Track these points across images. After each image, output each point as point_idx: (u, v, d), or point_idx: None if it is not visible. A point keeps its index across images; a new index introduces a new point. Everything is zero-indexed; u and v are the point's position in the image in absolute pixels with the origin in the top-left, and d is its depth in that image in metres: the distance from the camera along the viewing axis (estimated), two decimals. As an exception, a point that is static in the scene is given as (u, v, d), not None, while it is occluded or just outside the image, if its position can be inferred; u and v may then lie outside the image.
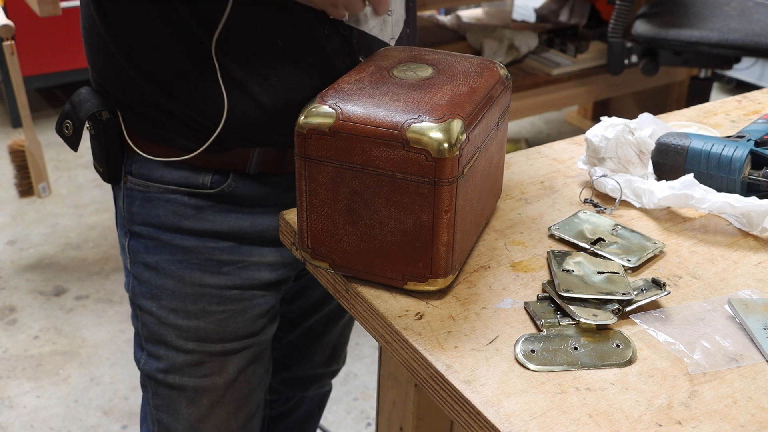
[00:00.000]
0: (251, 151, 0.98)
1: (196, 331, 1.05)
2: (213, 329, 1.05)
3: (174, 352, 1.07)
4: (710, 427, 0.68)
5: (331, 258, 0.83)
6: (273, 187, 1.02)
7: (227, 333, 1.06)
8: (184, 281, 1.03)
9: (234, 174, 0.99)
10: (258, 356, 1.12)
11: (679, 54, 2.36)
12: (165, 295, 1.04)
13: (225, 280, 1.03)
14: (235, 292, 1.04)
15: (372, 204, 0.78)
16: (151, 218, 1.01)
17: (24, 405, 2.03)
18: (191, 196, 0.99)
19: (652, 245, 0.91)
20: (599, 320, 0.78)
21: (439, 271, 0.80)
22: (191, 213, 1.00)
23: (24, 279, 2.49)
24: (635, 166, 1.01)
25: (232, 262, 1.03)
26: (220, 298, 1.04)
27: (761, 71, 3.68)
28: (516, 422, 0.67)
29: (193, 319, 1.05)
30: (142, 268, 1.05)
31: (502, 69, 0.90)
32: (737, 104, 1.31)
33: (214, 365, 1.08)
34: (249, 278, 1.05)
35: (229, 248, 1.02)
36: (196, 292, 1.03)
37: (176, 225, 1.01)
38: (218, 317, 1.05)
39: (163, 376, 1.09)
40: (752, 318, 0.79)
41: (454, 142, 0.74)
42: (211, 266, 1.02)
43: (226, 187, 0.99)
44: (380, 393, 1.08)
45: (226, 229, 1.01)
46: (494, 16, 2.91)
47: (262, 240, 1.04)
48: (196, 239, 1.01)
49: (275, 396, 1.40)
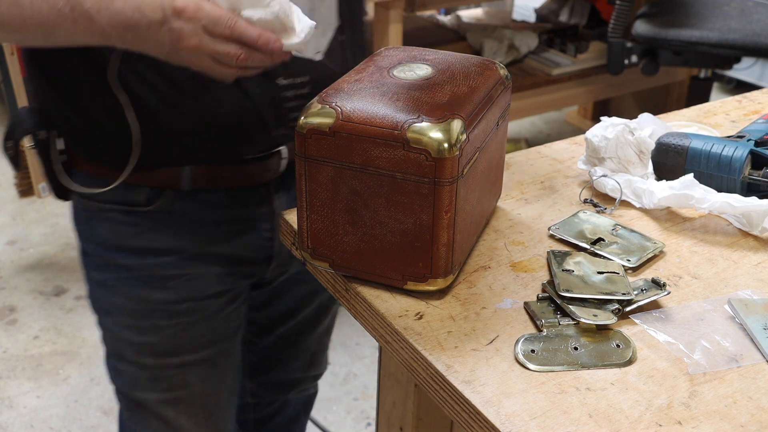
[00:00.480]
0: (181, 170, 0.97)
1: (150, 346, 1.05)
2: (167, 343, 1.05)
3: (133, 368, 1.07)
4: (710, 427, 0.68)
5: (331, 258, 0.83)
6: (210, 204, 1.00)
7: (183, 345, 1.05)
8: (132, 298, 1.02)
9: (168, 191, 0.99)
10: (222, 363, 1.11)
11: (679, 54, 2.36)
12: (116, 311, 1.04)
13: (172, 294, 1.02)
14: (185, 305, 1.04)
15: (372, 204, 0.78)
16: (94, 236, 1.02)
17: (24, 405, 2.03)
18: (128, 213, 0.99)
19: (652, 245, 0.91)
20: (599, 320, 0.78)
21: (439, 271, 0.80)
22: (129, 231, 1.00)
23: (24, 279, 2.49)
24: (635, 166, 1.01)
25: (176, 276, 1.02)
26: (170, 312, 1.03)
27: (761, 71, 3.68)
28: (516, 422, 0.67)
29: (145, 335, 1.04)
30: (94, 285, 1.05)
31: (502, 69, 0.90)
32: (737, 104, 1.31)
33: (174, 379, 1.07)
34: (197, 290, 1.04)
35: (172, 263, 1.01)
36: (144, 308, 1.03)
37: (116, 243, 1.01)
38: (171, 331, 1.04)
39: (128, 391, 1.09)
40: (752, 318, 0.79)
41: (454, 142, 0.74)
42: (155, 282, 1.02)
43: (161, 204, 0.99)
44: (380, 393, 1.08)
45: (165, 247, 1.01)
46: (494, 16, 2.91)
47: (204, 254, 1.02)
48: (136, 257, 1.01)
49: (255, 400, 1.38)
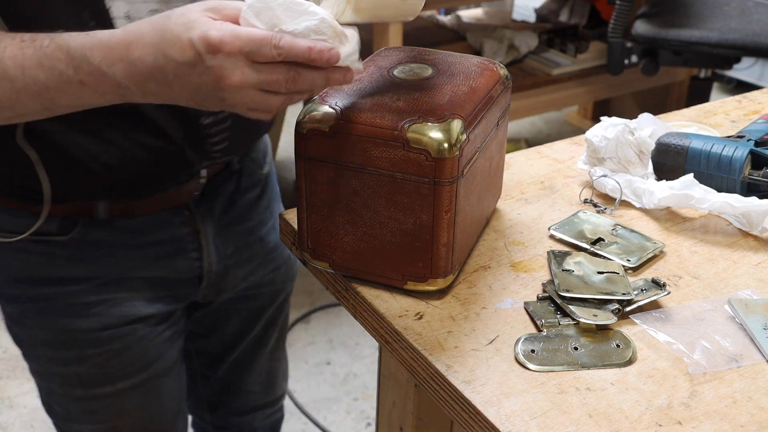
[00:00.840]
0: (95, 203, 0.92)
1: (77, 376, 0.98)
2: (96, 372, 0.98)
3: (63, 400, 1.01)
4: (710, 427, 0.68)
5: (331, 258, 0.83)
6: (128, 230, 0.94)
7: (113, 373, 0.99)
8: (52, 329, 0.95)
9: (83, 219, 0.92)
10: (160, 385, 1.04)
11: (679, 54, 2.36)
12: (38, 344, 0.98)
13: (95, 322, 0.95)
14: (110, 331, 0.96)
15: (372, 204, 0.78)
16: (4, 269, 0.95)
17: (24, 405, 2.03)
18: (39, 243, 0.92)
19: (652, 245, 0.91)
20: (599, 320, 0.78)
21: (439, 271, 0.80)
22: (43, 261, 0.93)
23: (24, 279, 2.49)
24: (635, 166, 1.01)
25: (99, 302, 0.95)
26: (96, 340, 0.96)
27: (761, 71, 3.68)
28: (516, 422, 0.67)
29: (70, 366, 0.97)
30: (10, 320, 0.99)
31: (502, 69, 0.90)
32: (737, 104, 1.31)
33: (110, 408, 1.01)
34: (123, 314, 0.96)
35: (92, 289, 0.94)
36: (66, 338, 0.96)
37: (28, 275, 0.94)
38: (98, 360, 0.97)
39: (63, 425, 1.03)
40: (752, 318, 0.79)
41: (454, 142, 0.74)
42: (77, 310, 0.94)
43: (76, 234, 0.92)
44: (380, 393, 1.08)
45: (83, 275, 0.94)
46: (494, 16, 2.91)
47: (127, 279, 0.96)
48: (53, 286, 0.94)
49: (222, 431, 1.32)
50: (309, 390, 2.09)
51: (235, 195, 1.03)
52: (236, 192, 1.04)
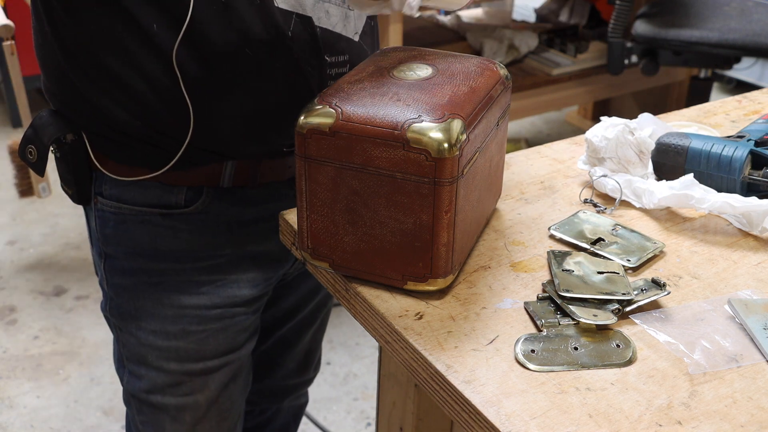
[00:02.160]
0: (223, 165, 0.96)
1: (176, 351, 1.04)
2: (194, 348, 1.04)
3: (155, 372, 1.06)
4: (710, 427, 0.68)
5: (331, 258, 0.83)
6: (248, 201, 1.00)
7: (208, 351, 1.05)
8: (163, 303, 1.01)
9: (207, 190, 0.97)
10: (239, 370, 1.11)
11: (679, 54, 2.36)
12: (143, 316, 1.02)
13: (204, 300, 1.02)
14: (216, 311, 1.03)
15: (372, 204, 0.78)
16: (126, 241, 0.99)
17: (24, 405, 2.03)
18: (165, 216, 0.97)
19: (652, 245, 0.91)
20: (599, 320, 0.78)
21: (439, 271, 0.80)
22: (167, 234, 0.98)
23: (24, 279, 2.49)
24: (635, 166, 1.01)
25: (210, 281, 1.01)
26: (200, 318, 1.02)
27: (761, 71, 3.68)
28: (516, 422, 0.67)
29: (173, 340, 1.03)
30: (119, 290, 1.03)
31: (502, 69, 0.90)
32: (737, 104, 1.31)
33: (195, 384, 1.07)
34: (229, 296, 1.03)
35: (207, 268, 1.01)
36: (175, 314, 1.02)
37: (152, 247, 0.98)
38: (199, 336, 1.04)
39: (146, 396, 1.08)
40: (752, 318, 0.79)
41: (454, 142, 0.74)
42: (189, 287, 1.01)
43: (200, 205, 0.97)
44: (380, 393, 1.08)
45: (202, 248, 0.99)
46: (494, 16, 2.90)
47: (240, 256, 1.02)
48: (172, 261, 0.99)
49: (249, 407, 1.37)
50: (309, 390, 2.09)
51: None
52: None
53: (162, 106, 0.91)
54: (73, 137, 0.96)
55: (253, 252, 1.02)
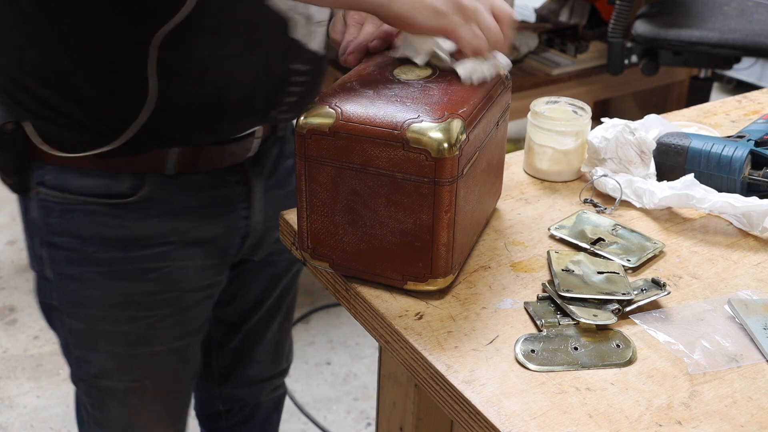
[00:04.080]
0: (168, 152, 0.98)
1: (125, 336, 1.06)
2: (142, 334, 1.06)
3: (104, 357, 1.07)
4: (710, 427, 0.68)
5: (331, 258, 0.83)
6: (191, 188, 1.02)
7: (156, 337, 1.07)
8: (111, 291, 1.02)
9: (151, 177, 0.98)
10: (187, 356, 1.13)
11: (679, 54, 2.36)
12: (92, 304, 1.03)
13: (152, 286, 1.03)
14: (164, 297, 1.05)
15: (372, 204, 0.78)
16: (72, 230, 1.00)
17: (24, 405, 2.03)
18: (110, 206, 0.98)
19: (652, 245, 0.91)
20: (599, 320, 0.78)
21: (439, 271, 0.80)
22: (113, 223, 0.99)
23: (24, 279, 2.49)
24: (636, 166, 1.01)
25: (157, 268, 1.03)
26: (149, 304, 1.04)
27: (761, 71, 3.68)
28: (516, 422, 0.67)
29: (121, 325, 1.05)
30: (65, 279, 1.03)
31: (501, 69, 0.90)
32: (737, 104, 1.31)
33: (143, 368, 1.09)
34: (176, 282, 1.05)
35: (154, 255, 1.02)
36: (123, 301, 1.03)
37: (98, 236, 0.99)
38: (147, 322, 1.05)
39: (94, 380, 1.10)
40: (752, 318, 0.79)
41: (454, 141, 0.74)
42: (137, 274, 1.02)
43: (145, 192, 0.99)
44: (380, 393, 1.08)
45: (148, 235, 1.01)
46: (494, 16, 2.90)
47: (186, 243, 1.04)
48: (119, 249, 1.01)
49: (229, 405, 1.39)
50: (309, 390, 2.09)
51: (279, 159, 1.12)
52: (280, 157, 1.12)
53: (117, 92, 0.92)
54: (12, 126, 0.96)
55: (199, 238, 1.05)
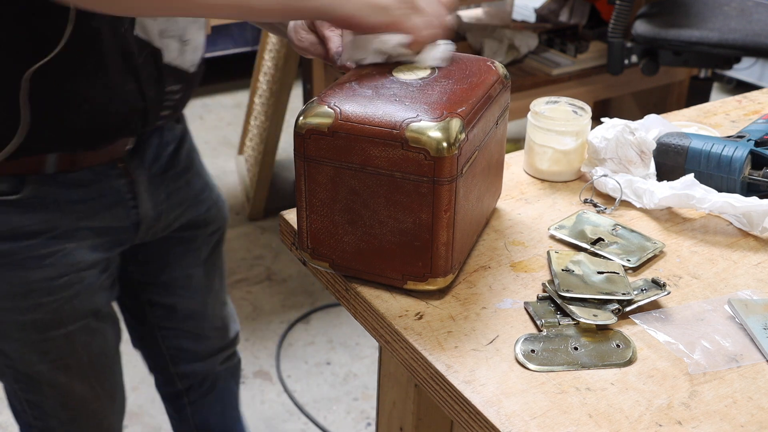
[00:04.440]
0: (46, 156, 1.01)
1: (33, 323, 1.09)
2: (50, 318, 1.09)
3: (19, 345, 1.11)
4: (710, 427, 0.68)
5: (331, 258, 0.83)
6: (73, 184, 1.05)
7: (66, 318, 1.10)
8: (11, 282, 1.05)
9: (31, 177, 1.02)
10: (105, 326, 1.17)
11: (679, 54, 2.36)
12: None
13: (50, 271, 1.06)
14: (63, 279, 1.08)
15: (371, 204, 0.78)
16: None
17: (24, 405, 2.03)
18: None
19: (652, 245, 0.91)
20: (599, 320, 0.78)
21: (439, 271, 0.80)
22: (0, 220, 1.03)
23: (24, 279, 2.49)
24: (636, 166, 1.01)
25: (51, 253, 1.06)
26: (50, 289, 1.07)
27: (761, 71, 3.68)
28: (516, 422, 0.67)
29: (28, 314, 1.08)
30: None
31: (501, 68, 0.90)
32: (737, 104, 1.31)
33: (61, 349, 1.12)
34: (72, 263, 1.08)
35: (45, 242, 1.05)
36: (25, 290, 1.06)
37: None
38: (52, 306, 1.08)
39: (18, 367, 1.14)
40: (752, 318, 0.79)
41: (453, 141, 0.74)
42: (32, 262, 1.05)
43: (28, 191, 1.02)
44: (380, 393, 1.08)
45: (36, 229, 1.04)
46: (494, 16, 2.90)
47: (75, 228, 1.07)
48: (9, 242, 1.03)
49: (189, 383, 1.44)
50: (309, 390, 2.09)
51: (160, 148, 1.16)
52: (160, 145, 1.16)
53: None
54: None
55: (88, 227, 1.08)
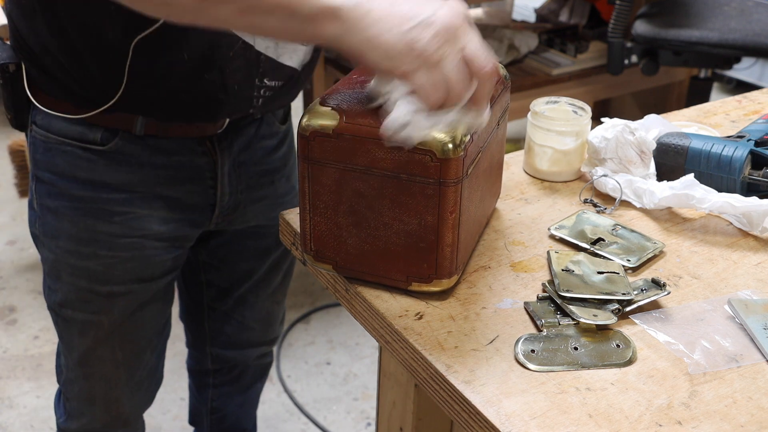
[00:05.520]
0: (135, 117, 1.06)
1: (86, 270, 1.14)
2: (101, 271, 1.14)
3: (67, 287, 1.16)
4: (710, 427, 0.68)
5: (334, 260, 0.83)
6: (158, 149, 1.09)
7: (114, 276, 1.15)
8: (79, 226, 1.11)
9: (122, 133, 1.07)
10: (147, 301, 1.20)
11: (679, 54, 2.36)
12: (62, 236, 1.13)
13: (116, 228, 1.11)
14: (125, 240, 1.12)
15: (376, 205, 0.78)
16: (51, 166, 1.10)
17: (24, 405, 2.03)
18: (84, 150, 1.07)
19: (652, 245, 0.91)
20: (599, 320, 0.78)
21: (444, 272, 0.80)
22: (85, 165, 1.08)
23: (24, 279, 2.49)
24: (636, 166, 1.01)
25: (122, 213, 1.11)
26: (111, 244, 1.12)
27: (761, 71, 3.68)
28: (516, 422, 0.67)
29: (84, 260, 1.13)
30: (44, 210, 1.14)
31: (501, 69, 0.90)
32: (737, 104, 1.31)
33: (100, 304, 1.17)
34: (139, 229, 1.12)
35: (121, 200, 1.10)
36: (88, 237, 1.12)
37: (72, 174, 1.09)
38: (107, 261, 1.13)
39: (59, 308, 1.19)
40: (752, 318, 0.79)
41: (459, 142, 0.74)
42: (103, 215, 1.10)
43: (114, 145, 1.07)
44: (380, 393, 1.08)
45: (116, 182, 1.09)
46: (494, 16, 2.90)
47: (151, 195, 1.12)
48: (89, 189, 1.09)
49: (218, 365, 1.50)
50: (309, 390, 2.09)
51: (254, 140, 1.18)
52: (255, 137, 1.18)
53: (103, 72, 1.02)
54: (14, 68, 1.07)
55: (164, 194, 1.12)
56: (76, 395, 1.30)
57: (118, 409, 1.30)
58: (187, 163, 1.11)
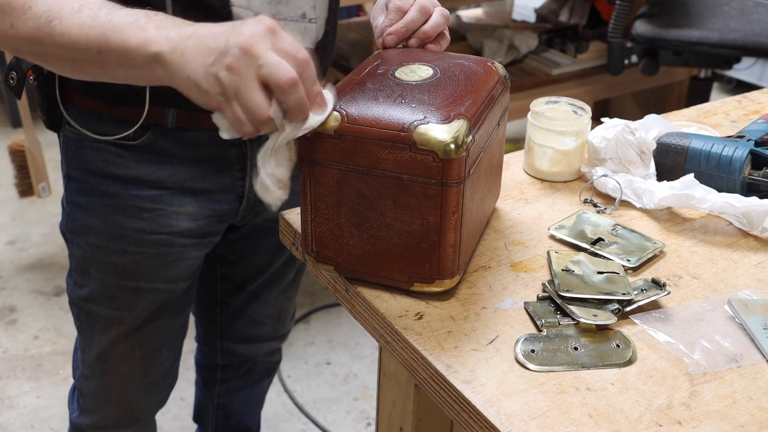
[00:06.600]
0: (167, 110, 1.07)
1: (114, 266, 1.16)
2: (129, 268, 1.16)
3: (95, 283, 1.18)
4: (710, 427, 0.68)
5: (336, 261, 0.83)
6: (189, 142, 1.10)
7: (141, 273, 1.16)
8: (108, 222, 1.13)
9: (154, 127, 1.08)
10: (168, 302, 1.22)
11: (679, 54, 2.36)
12: (91, 232, 1.15)
13: (144, 225, 1.13)
14: (154, 237, 1.14)
15: (378, 206, 0.78)
16: (83, 164, 1.12)
17: (24, 405, 2.03)
18: (117, 146, 1.09)
19: (652, 245, 0.91)
20: (599, 320, 0.78)
21: (446, 272, 0.80)
22: (117, 161, 1.10)
23: (24, 279, 2.49)
24: (636, 166, 1.01)
25: (152, 209, 1.12)
26: (139, 240, 1.13)
27: (761, 71, 3.68)
28: (516, 422, 0.67)
29: (112, 256, 1.15)
30: (74, 207, 1.16)
31: (501, 69, 0.90)
32: (737, 104, 1.32)
33: (125, 300, 1.19)
34: (167, 226, 1.13)
35: (150, 197, 1.12)
36: (117, 233, 1.13)
37: (103, 171, 1.10)
38: (135, 257, 1.15)
39: (84, 303, 1.21)
40: (752, 318, 0.79)
41: (461, 143, 0.74)
42: (132, 211, 1.12)
43: (146, 139, 1.08)
44: (380, 393, 1.08)
45: (147, 177, 1.11)
46: (494, 16, 2.91)
47: (181, 190, 1.13)
48: (120, 185, 1.11)
49: (227, 360, 1.52)
50: (309, 390, 2.09)
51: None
52: None
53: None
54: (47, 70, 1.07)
55: (194, 188, 1.13)
56: (91, 391, 1.31)
57: (132, 407, 1.31)
58: (218, 155, 1.12)
